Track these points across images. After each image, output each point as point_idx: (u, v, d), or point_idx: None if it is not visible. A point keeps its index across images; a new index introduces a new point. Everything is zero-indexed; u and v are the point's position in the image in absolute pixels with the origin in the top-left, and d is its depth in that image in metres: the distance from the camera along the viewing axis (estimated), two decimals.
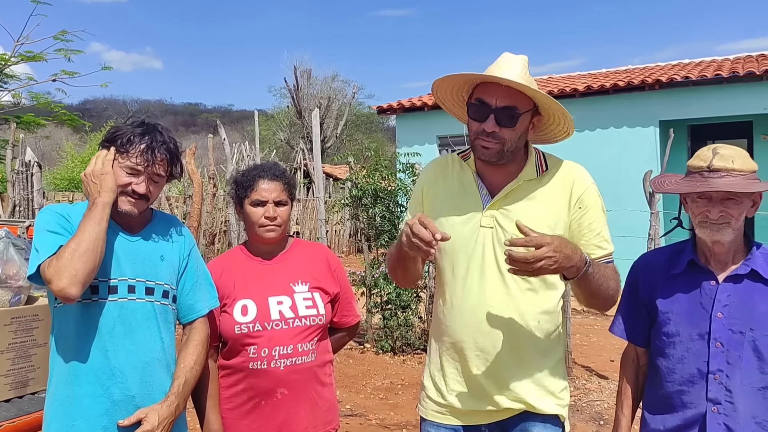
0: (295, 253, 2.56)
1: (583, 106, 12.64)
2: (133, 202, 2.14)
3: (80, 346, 2.09)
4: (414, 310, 7.78)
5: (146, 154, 2.13)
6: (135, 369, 2.13)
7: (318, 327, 2.45)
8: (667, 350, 2.14)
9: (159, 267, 2.23)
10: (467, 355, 2.18)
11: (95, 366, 2.09)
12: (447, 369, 2.25)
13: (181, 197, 15.35)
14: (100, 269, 2.07)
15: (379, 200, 7.96)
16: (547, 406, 2.17)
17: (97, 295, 2.10)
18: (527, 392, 2.15)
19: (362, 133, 38.19)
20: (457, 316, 2.20)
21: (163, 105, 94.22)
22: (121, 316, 2.12)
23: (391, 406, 5.95)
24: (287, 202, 2.49)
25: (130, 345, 2.13)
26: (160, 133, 2.19)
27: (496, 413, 2.19)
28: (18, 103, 14.54)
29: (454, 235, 2.13)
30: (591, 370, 6.85)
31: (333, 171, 24.46)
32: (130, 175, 2.13)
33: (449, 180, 2.28)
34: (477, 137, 2.12)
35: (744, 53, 14.28)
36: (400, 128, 15.14)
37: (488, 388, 2.16)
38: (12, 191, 10.10)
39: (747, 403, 1.99)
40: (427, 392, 2.31)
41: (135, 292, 2.16)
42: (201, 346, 2.29)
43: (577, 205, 2.15)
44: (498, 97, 2.06)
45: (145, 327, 2.17)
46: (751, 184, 1.95)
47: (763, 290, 2.02)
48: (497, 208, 2.15)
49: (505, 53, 2.13)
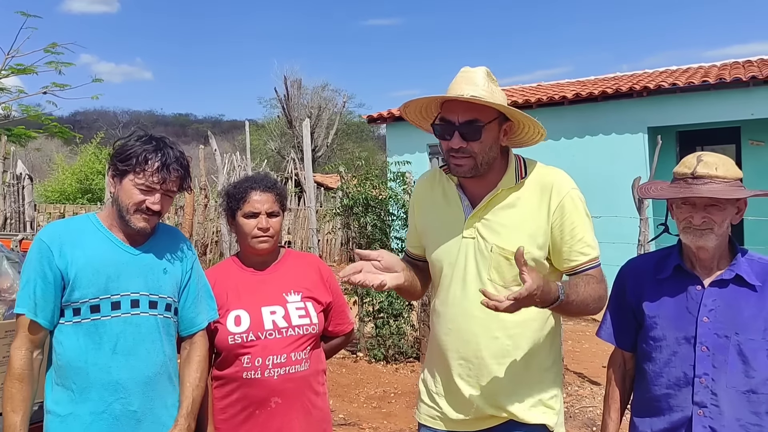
0: (287, 263, 2.58)
1: (572, 114, 12.73)
2: (147, 218, 2.15)
3: (82, 364, 2.09)
4: (406, 319, 7.80)
5: (162, 173, 2.12)
6: (137, 384, 2.14)
7: (311, 336, 2.47)
8: (654, 354, 2.17)
9: (162, 280, 2.23)
10: (450, 363, 2.22)
11: (98, 383, 2.09)
12: (436, 375, 2.30)
13: (172, 208, 15.33)
14: (102, 287, 2.11)
15: (370, 209, 7.98)
16: (532, 416, 2.17)
17: (98, 313, 2.11)
18: (511, 401, 2.17)
19: (353, 142, 38.31)
20: (442, 324, 2.25)
21: (154, 116, 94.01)
22: (124, 331, 2.13)
23: (384, 414, 5.95)
24: (279, 213, 2.51)
25: (134, 360, 2.14)
26: (171, 148, 2.18)
27: (481, 421, 2.20)
28: (8, 116, 14.49)
29: (439, 246, 2.23)
30: (583, 377, 6.87)
31: (324, 180, 24.45)
32: (144, 193, 2.13)
33: (435, 192, 2.33)
34: (449, 155, 2.14)
35: (731, 59, 14.40)
36: (391, 137, 15.19)
37: (471, 396, 2.18)
38: (3, 204, 10.09)
39: (732, 406, 2.03)
40: (421, 396, 2.36)
41: (139, 306, 2.17)
42: (204, 361, 2.33)
43: (558, 210, 2.13)
44: (459, 113, 2.08)
45: (149, 341, 2.17)
46: (734, 191, 1.99)
47: (747, 295, 2.06)
48: (478, 219, 2.18)
49: (464, 68, 2.16)
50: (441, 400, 2.27)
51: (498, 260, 2.12)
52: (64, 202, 21.31)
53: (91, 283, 2.10)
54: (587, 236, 2.16)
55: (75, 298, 2.10)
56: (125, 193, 2.13)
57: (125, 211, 2.14)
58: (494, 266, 2.13)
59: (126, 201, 2.13)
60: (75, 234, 2.15)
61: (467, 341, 2.18)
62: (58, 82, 13.33)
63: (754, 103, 11.10)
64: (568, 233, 2.14)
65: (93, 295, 2.11)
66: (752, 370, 2.02)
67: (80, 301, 2.10)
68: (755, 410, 2.02)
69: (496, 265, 2.13)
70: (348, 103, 37.57)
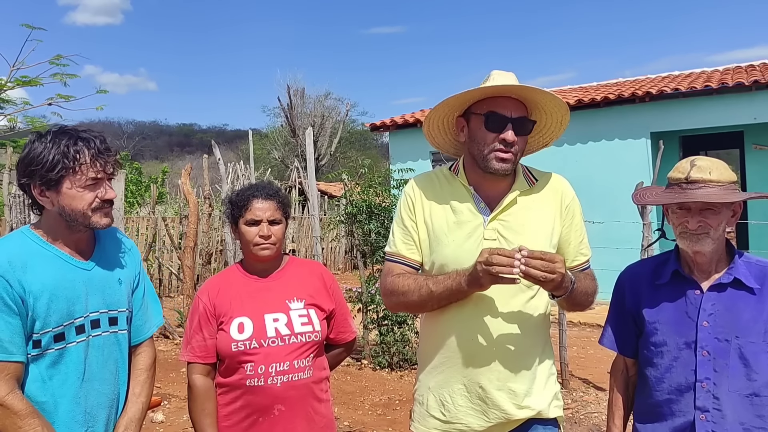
0: (290, 270, 2.59)
1: (575, 120, 12.58)
2: (108, 211, 2.01)
3: (48, 398, 1.93)
4: (410, 326, 7.79)
5: (99, 158, 1.97)
6: (103, 408, 2.04)
7: (314, 343, 2.48)
8: (655, 360, 2.18)
9: (118, 292, 2.10)
10: (476, 371, 2.17)
11: (66, 416, 1.95)
12: (453, 385, 2.22)
13: (177, 218, 15.36)
14: (64, 312, 1.94)
15: (373, 216, 8.00)
16: (552, 411, 2.23)
17: (63, 341, 1.95)
18: (536, 399, 2.20)
19: (356, 150, 38.36)
20: (464, 331, 2.18)
21: (158, 126, 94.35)
22: (89, 356, 2.00)
23: (389, 422, 5.95)
24: (282, 220, 2.52)
25: (99, 385, 2.02)
26: (85, 131, 1.99)
27: (505, 425, 2.19)
28: (14, 128, 14.57)
29: (455, 251, 2.18)
30: (588, 382, 6.86)
31: (328, 188, 24.49)
32: (92, 189, 1.97)
33: (441, 196, 2.28)
34: (492, 150, 2.14)
35: (733, 64, 14.38)
36: (394, 145, 15.21)
37: (498, 400, 2.16)
38: (9, 215, 10.10)
39: (735, 409, 2.03)
40: (429, 410, 2.27)
41: (100, 325, 2.04)
42: (149, 372, 2.22)
43: (567, 212, 2.25)
44: (511, 109, 2.14)
45: (112, 361, 2.07)
46: (728, 194, 2.00)
47: (746, 298, 2.07)
48: (498, 221, 2.19)
49: (495, 71, 2.20)
50: (461, 411, 2.20)
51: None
52: None
53: (51, 310, 1.92)
54: (586, 238, 2.31)
55: (36, 329, 1.90)
56: (72, 199, 1.94)
57: (81, 217, 1.96)
58: None
59: (78, 206, 1.95)
60: (21, 257, 1.92)
61: (494, 344, 2.15)
62: (63, 94, 13.40)
63: (757, 108, 11.08)
64: (574, 234, 2.27)
65: (56, 323, 1.93)
66: (754, 373, 2.03)
67: (42, 332, 1.91)
68: (759, 413, 2.03)
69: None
70: (351, 111, 37.74)
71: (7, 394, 1.84)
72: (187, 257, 9.05)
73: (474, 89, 2.15)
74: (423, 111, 15.35)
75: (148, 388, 2.19)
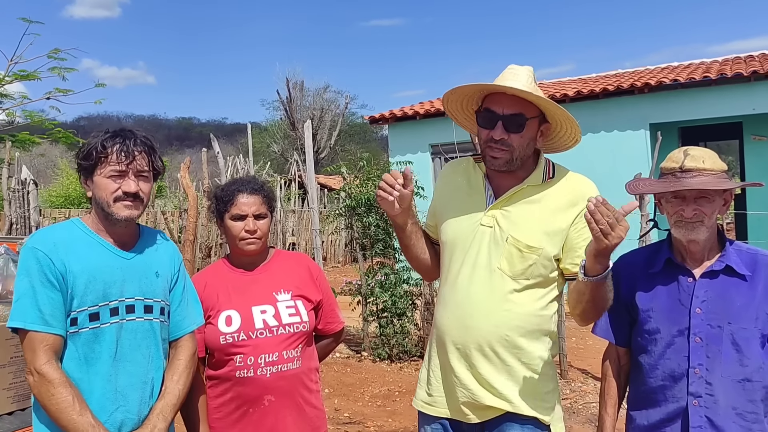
0: (276, 263, 2.60)
1: (574, 111, 12.43)
2: (129, 205, 2.09)
3: (83, 375, 2.04)
4: (410, 318, 7.82)
5: (124, 151, 2.07)
6: (135, 389, 2.11)
7: (302, 334, 2.49)
8: (649, 347, 2.19)
9: (155, 284, 2.20)
10: (449, 349, 2.25)
11: (98, 392, 2.04)
12: (434, 361, 2.32)
13: (176, 212, 15.39)
14: (100, 293, 2.06)
15: (372, 209, 8.01)
16: (527, 408, 2.18)
17: (98, 321, 2.06)
18: (508, 390, 2.18)
19: (355, 143, 38.40)
20: (446, 310, 2.27)
21: (157, 120, 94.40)
22: (121, 338, 2.09)
23: (389, 413, 5.98)
24: (267, 214, 2.52)
25: (131, 366, 2.11)
26: (130, 131, 2.14)
27: (479, 411, 2.21)
28: (12, 122, 14.57)
29: (455, 231, 2.28)
30: (587, 373, 6.89)
31: (327, 182, 24.51)
32: (116, 179, 2.08)
33: (460, 179, 2.39)
34: (486, 146, 2.19)
35: (732, 55, 14.35)
36: (393, 137, 15.20)
37: (469, 383, 2.20)
38: (8, 209, 10.12)
39: (727, 395, 2.05)
40: (420, 383, 2.39)
41: (134, 311, 2.13)
42: (187, 365, 2.26)
43: (581, 218, 2.14)
44: (505, 106, 2.15)
45: (145, 346, 2.14)
46: (721, 182, 2.02)
47: (738, 284, 2.09)
48: (499, 209, 2.22)
49: (511, 65, 2.22)
50: (438, 387, 2.30)
51: (510, 251, 2.17)
52: (69, 206, 21.40)
53: (89, 290, 2.05)
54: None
55: (74, 307, 2.03)
56: (99, 187, 2.08)
57: (105, 206, 2.08)
58: (506, 256, 2.17)
59: (102, 195, 2.08)
60: (66, 240, 2.08)
61: (468, 327, 2.20)
62: (61, 88, 13.41)
63: (756, 98, 11.08)
64: (584, 242, 2.12)
65: (92, 302, 2.05)
66: (746, 359, 2.05)
67: (78, 310, 2.04)
68: (750, 398, 2.05)
69: (508, 256, 2.17)
70: (350, 104, 37.76)
71: (45, 363, 1.96)
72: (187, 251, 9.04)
73: (465, 85, 2.23)
74: (422, 104, 15.32)
75: (186, 378, 2.24)
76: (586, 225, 2.07)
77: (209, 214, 2.66)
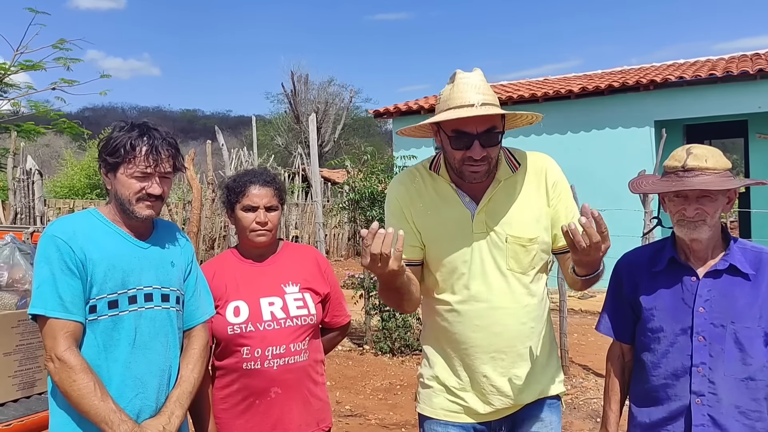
0: (285, 255, 2.61)
1: (579, 108, 12.71)
2: (151, 205, 2.13)
3: (102, 362, 2.06)
4: (412, 312, 7.84)
5: (152, 155, 2.09)
6: (154, 377, 2.13)
7: (309, 327, 2.50)
8: (652, 345, 2.19)
9: (171, 273, 2.23)
10: (480, 358, 2.20)
11: (117, 380, 2.07)
12: (462, 372, 2.25)
13: (180, 203, 15.40)
14: (119, 281, 2.09)
15: (376, 203, 8.02)
16: (556, 388, 2.30)
17: (116, 309, 2.09)
18: (543, 381, 2.26)
19: (360, 137, 38.27)
20: (467, 322, 2.21)
21: (162, 112, 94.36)
22: (140, 326, 2.11)
23: (390, 406, 6.01)
24: (278, 207, 2.54)
25: (150, 354, 2.13)
26: (156, 130, 2.15)
27: (510, 408, 2.24)
28: (17, 112, 14.61)
29: (448, 246, 2.20)
30: (588, 369, 6.91)
31: (331, 175, 24.51)
32: (141, 180, 2.10)
33: (426, 195, 2.26)
34: (465, 164, 2.11)
35: (738, 52, 14.27)
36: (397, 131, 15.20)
37: (509, 387, 2.21)
38: (13, 199, 10.16)
39: (730, 393, 2.05)
40: (434, 392, 2.30)
41: (152, 299, 2.16)
42: (200, 354, 2.29)
43: (554, 191, 2.23)
44: (476, 125, 2.06)
45: (162, 334, 2.17)
46: (724, 181, 2.01)
47: (741, 284, 2.08)
48: (485, 213, 2.19)
49: (458, 73, 2.13)
50: (467, 395, 2.24)
51: (515, 249, 2.17)
52: (74, 197, 21.43)
53: (108, 278, 2.08)
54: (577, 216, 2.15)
55: (93, 295, 2.06)
56: (122, 185, 2.10)
57: (127, 203, 2.11)
58: (511, 255, 2.17)
59: (125, 193, 2.10)
60: (85, 229, 2.11)
61: (499, 333, 2.18)
62: (66, 78, 13.46)
63: (762, 97, 11.05)
64: (563, 212, 2.23)
65: (111, 290, 2.08)
66: (749, 358, 2.05)
67: (97, 297, 2.06)
68: (754, 397, 2.05)
69: (513, 254, 2.17)
70: (355, 98, 37.66)
71: (65, 349, 1.98)
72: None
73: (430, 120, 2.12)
74: (427, 98, 15.32)
75: (201, 366, 2.27)
76: (561, 194, 2.21)
77: (217, 205, 2.67)
